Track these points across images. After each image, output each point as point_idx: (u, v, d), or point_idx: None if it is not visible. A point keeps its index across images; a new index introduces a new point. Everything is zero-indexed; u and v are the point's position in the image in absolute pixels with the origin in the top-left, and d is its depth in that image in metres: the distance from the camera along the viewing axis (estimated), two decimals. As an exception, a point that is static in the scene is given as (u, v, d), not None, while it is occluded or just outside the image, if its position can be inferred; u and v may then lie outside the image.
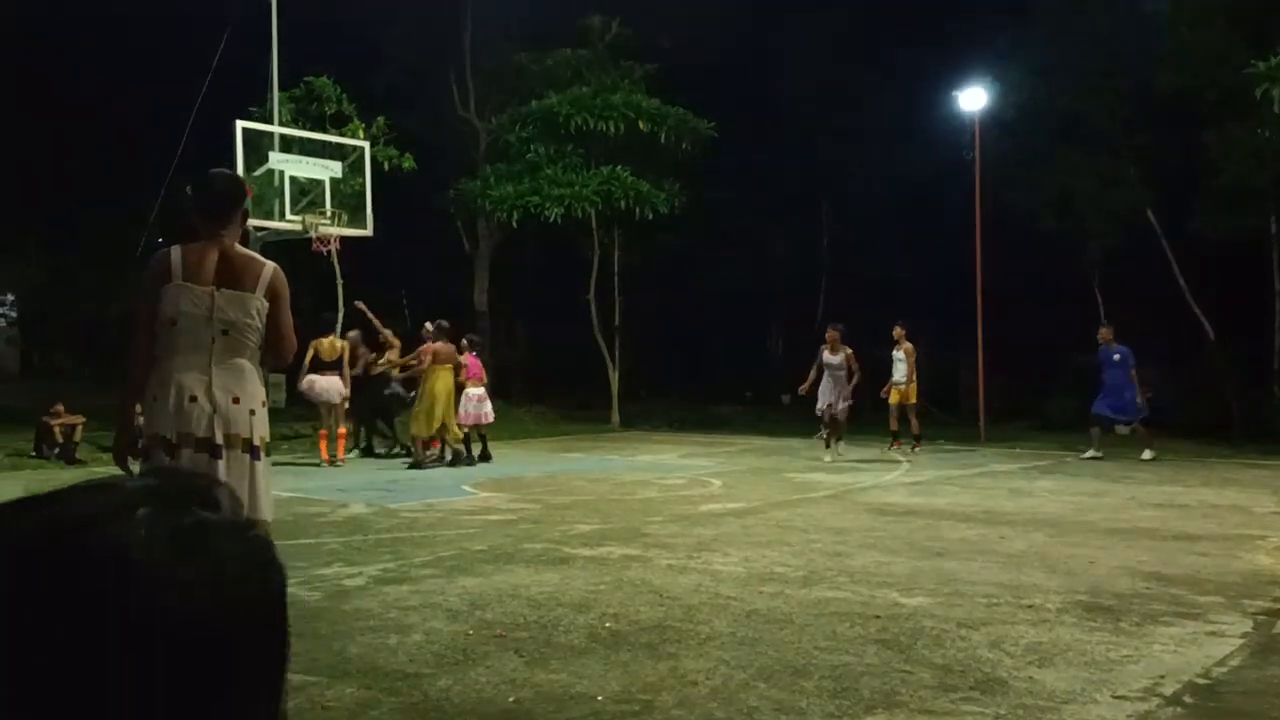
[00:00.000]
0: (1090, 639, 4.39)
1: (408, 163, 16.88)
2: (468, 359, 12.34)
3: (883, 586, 5.43)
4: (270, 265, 3.80)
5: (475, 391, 12.29)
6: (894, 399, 14.83)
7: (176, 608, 0.60)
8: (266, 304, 3.73)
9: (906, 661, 4.05)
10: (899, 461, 12.94)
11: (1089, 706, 3.51)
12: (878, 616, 4.76)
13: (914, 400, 14.88)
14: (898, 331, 15.14)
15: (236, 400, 3.67)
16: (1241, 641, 4.36)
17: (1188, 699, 3.59)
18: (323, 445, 12.05)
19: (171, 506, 0.64)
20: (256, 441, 3.70)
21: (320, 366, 12.14)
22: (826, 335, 13.69)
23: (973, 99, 17.88)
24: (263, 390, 3.82)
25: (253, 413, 3.71)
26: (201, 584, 0.61)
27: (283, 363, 4.02)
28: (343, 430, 12.25)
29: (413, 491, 9.63)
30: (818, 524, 7.63)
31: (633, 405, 21.61)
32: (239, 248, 3.82)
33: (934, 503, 8.98)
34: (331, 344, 12.45)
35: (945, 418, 20.92)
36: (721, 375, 29.12)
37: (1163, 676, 3.84)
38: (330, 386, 12.00)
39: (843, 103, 23.54)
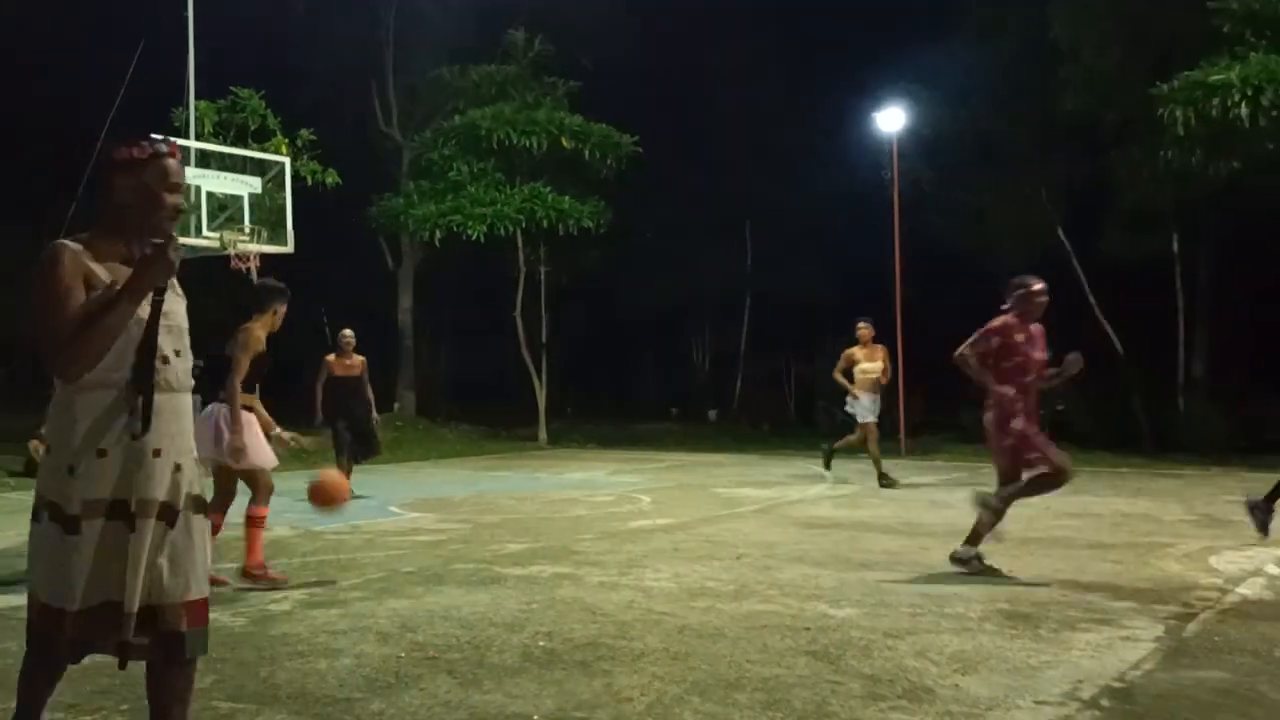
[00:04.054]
0: (1011, 646, 4.52)
1: (331, 178, 16.67)
2: None
3: (811, 598, 5.52)
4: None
5: None
6: None
7: None
8: None
9: (836, 672, 4.12)
10: (824, 475, 13.13)
11: (1012, 712, 3.62)
12: (807, 628, 4.83)
13: None
14: None
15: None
16: (1154, 645, 4.53)
17: (1104, 702, 3.72)
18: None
19: None
20: (37, 500, 2.74)
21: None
22: None
23: (891, 120, 18.32)
24: (56, 428, 2.73)
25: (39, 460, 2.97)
26: None
27: (51, 367, 2.67)
28: None
29: (337, 513, 9.45)
30: (746, 538, 7.71)
31: (560, 422, 21.55)
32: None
33: (858, 515, 9.15)
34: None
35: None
36: (648, 392, 29.25)
37: (1081, 681, 3.97)
38: None
39: (765, 123, 23.91)
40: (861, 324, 12.17)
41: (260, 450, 6.09)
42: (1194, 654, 4.40)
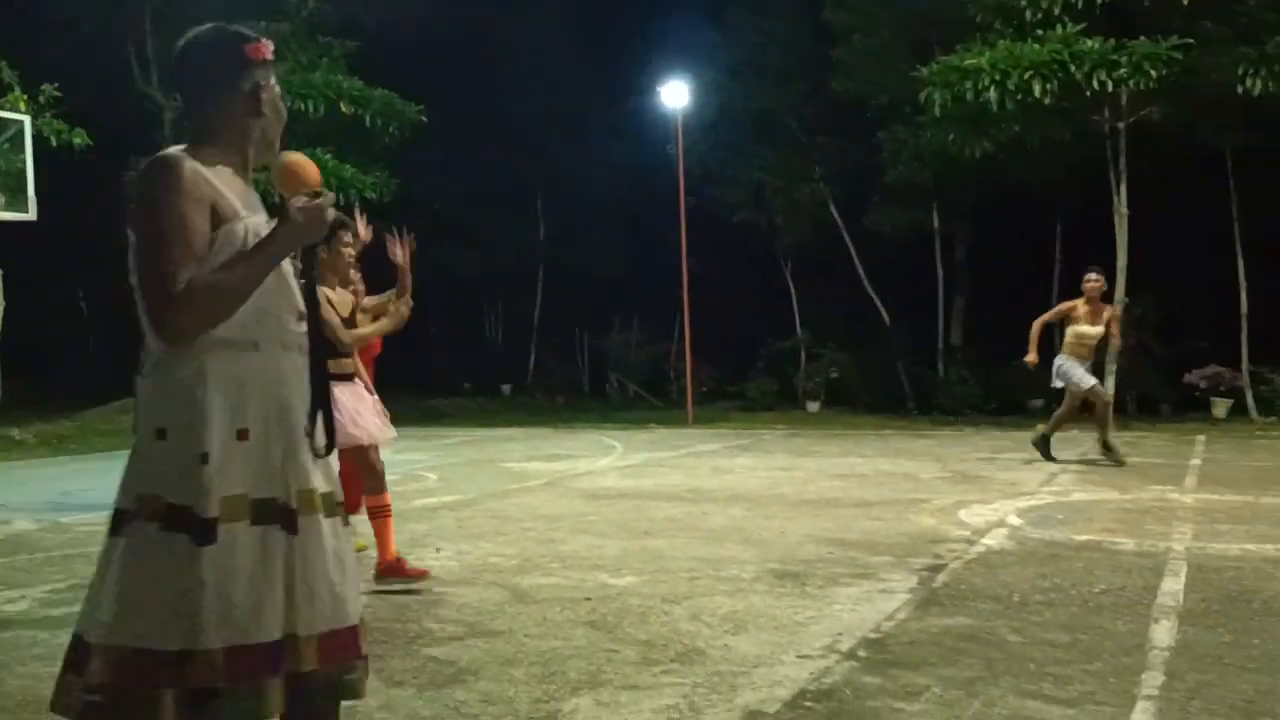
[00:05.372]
0: (779, 604, 4.71)
1: (79, 138, 15.35)
2: None
3: (593, 569, 5.56)
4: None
5: None
6: None
7: None
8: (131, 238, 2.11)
9: (613, 640, 4.16)
10: (614, 446, 13.32)
11: (776, 668, 3.76)
12: (588, 599, 4.86)
13: None
14: None
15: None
16: (908, 596, 4.83)
17: (861, 653, 3.93)
18: None
19: None
20: (117, 504, 2.10)
21: None
22: None
23: (674, 95, 18.61)
24: (176, 403, 2.05)
25: (134, 451, 2.11)
26: None
27: (156, 328, 2.04)
28: None
29: (90, 503, 8.76)
30: (532, 512, 7.69)
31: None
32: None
33: (643, 485, 9.31)
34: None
35: (657, 402, 21.79)
36: (440, 366, 28.72)
37: (840, 634, 4.18)
38: None
39: (556, 94, 23.80)
40: (1092, 275, 9.72)
41: (367, 426, 5.18)
42: (942, 602, 4.72)
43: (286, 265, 2.19)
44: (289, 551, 2.07)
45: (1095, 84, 13.89)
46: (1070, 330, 9.83)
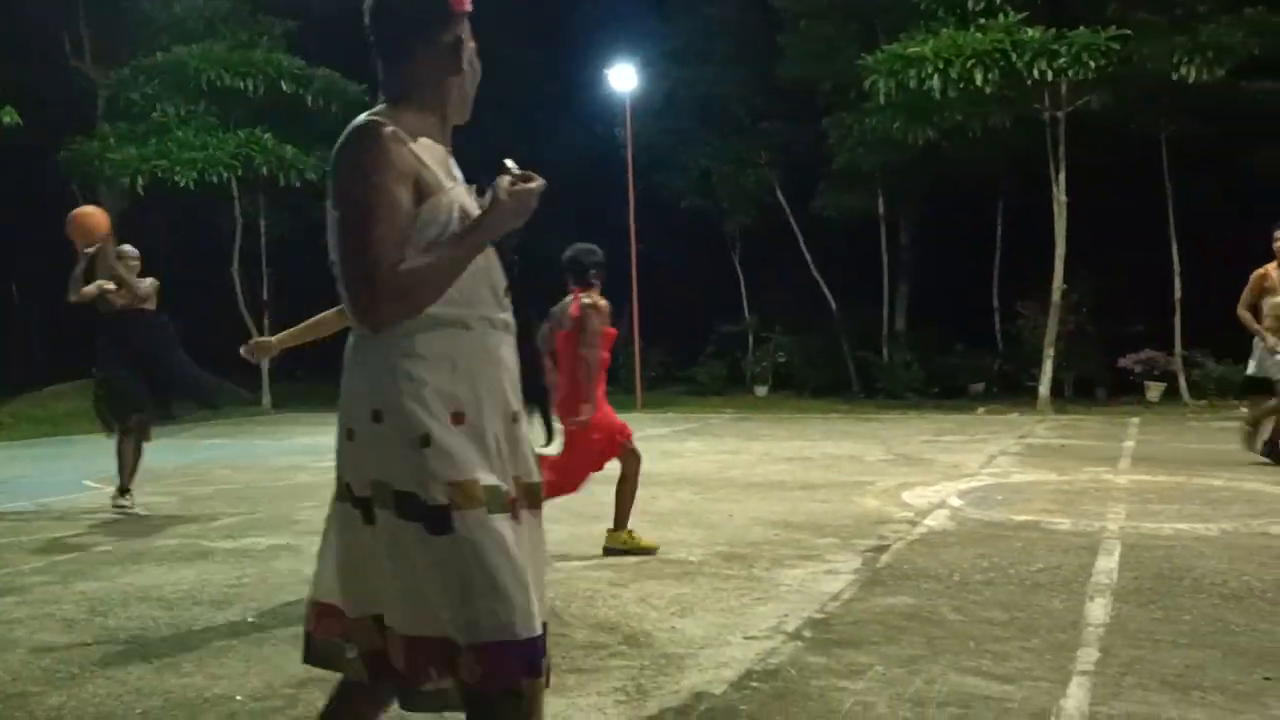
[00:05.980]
0: (726, 586, 4.74)
1: (10, 117, 14.88)
2: None
3: (540, 554, 5.54)
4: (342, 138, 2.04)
5: None
6: None
7: None
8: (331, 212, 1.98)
9: (561, 625, 4.14)
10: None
11: (723, 649, 3.78)
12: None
13: None
14: None
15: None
16: (853, 577, 4.89)
17: (806, 633, 3.97)
18: None
19: None
20: (358, 490, 1.95)
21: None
22: None
23: (622, 78, 18.53)
24: (388, 383, 1.92)
25: (350, 435, 1.98)
26: None
27: (357, 313, 1.92)
28: None
29: (22, 490, 8.56)
30: (478, 497, 7.63)
31: (289, 385, 20.49)
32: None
33: (591, 469, 9.28)
34: None
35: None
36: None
37: (786, 615, 4.22)
38: None
39: (503, 74, 23.53)
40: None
41: None
42: (885, 582, 4.79)
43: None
44: (521, 542, 1.93)
45: (1036, 73, 14.11)
46: (1268, 304, 8.21)
